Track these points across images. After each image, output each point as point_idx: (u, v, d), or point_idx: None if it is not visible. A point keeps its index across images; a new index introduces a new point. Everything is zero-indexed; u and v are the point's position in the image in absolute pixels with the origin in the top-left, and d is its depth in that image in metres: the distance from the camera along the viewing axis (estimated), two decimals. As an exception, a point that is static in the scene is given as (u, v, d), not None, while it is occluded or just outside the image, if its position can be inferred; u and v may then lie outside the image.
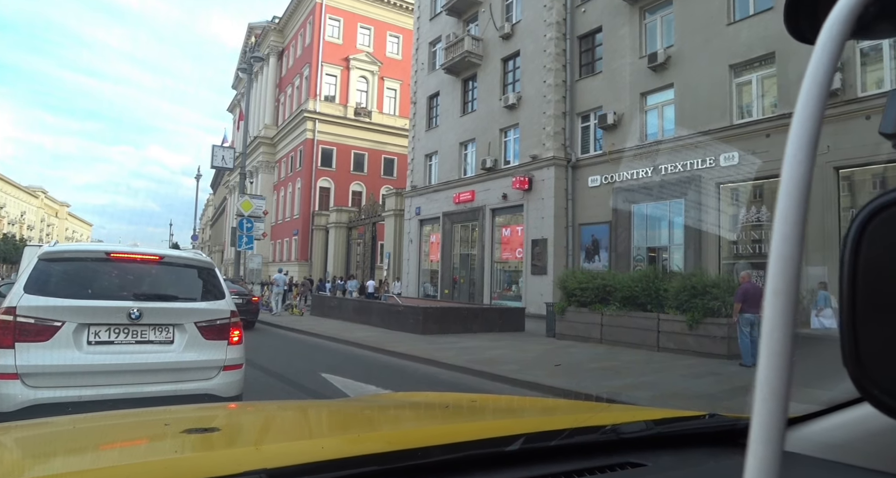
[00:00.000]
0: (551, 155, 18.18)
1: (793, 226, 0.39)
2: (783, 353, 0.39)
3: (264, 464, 0.86)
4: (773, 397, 0.39)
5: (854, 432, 1.02)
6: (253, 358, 6.54)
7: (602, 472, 1.06)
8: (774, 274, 0.40)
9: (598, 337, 11.76)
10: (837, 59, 0.40)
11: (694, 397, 6.59)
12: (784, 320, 0.39)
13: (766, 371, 0.39)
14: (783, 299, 0.39)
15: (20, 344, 3.53)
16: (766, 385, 0.39)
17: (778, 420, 0.39)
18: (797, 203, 0.39)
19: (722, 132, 13.98)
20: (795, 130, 0.40)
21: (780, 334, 0.39)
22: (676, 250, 15.38)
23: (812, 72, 0.40)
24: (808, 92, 0.40)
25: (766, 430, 0.39)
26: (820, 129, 0.40)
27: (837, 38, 0.40)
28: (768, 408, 0.39)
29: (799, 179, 0.40)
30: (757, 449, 0.39)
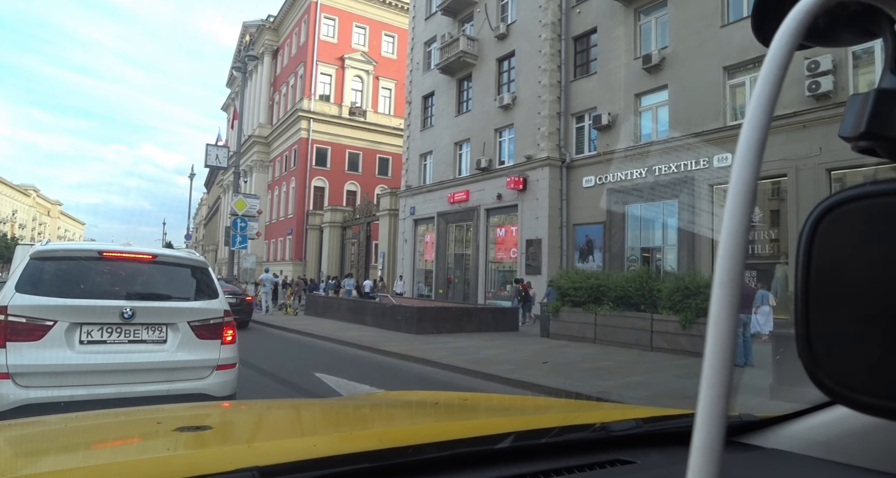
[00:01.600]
0: (546, 155, 18.22)
1: (738, 224, 0.41)
2: (726, 346, 0.41)
3: (256, 462, 0.86)
4: (715, 391, 0.41)
5: (840, 430, 1.04)
6: (247, 357, 6.53)
7: (592, 469, 1.08)
8: (721, 269, 0.42)
9: (591, 337, 11.79)
10: (787, 63, 0.42)
11: (687, 397, 6.62)
12: (727, 314, 0.41)
13: (710, 363, 0.41)
14: (727, 293, 0.41)
15: (11, 343, 3.51)
16: (710, 379, 0.41)
17: (719, 413, 0.41)
18: (743, 204, 0.42)
19: (715, 134, 14.05)
20: (746, 131, 0.43)
21: (723, 328, 0.41)
22: (670, 251, 15.44)
23: (764, 75, 0.42)
24: (760, 94, 0.42)
25: (707, 423, 0.41)
26: (768, 129, 0.42)
27: (788, 44, 0.41)
28: (710, 401, 0.41)
29: (745, 182, 0.42)
30: (700, 442, 0.41)
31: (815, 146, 12.04)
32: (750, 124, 0.42)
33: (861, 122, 0.42)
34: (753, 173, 0.42)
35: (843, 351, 0.40)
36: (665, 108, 15.74)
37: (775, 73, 0.42)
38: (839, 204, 0.42)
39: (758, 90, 0.43)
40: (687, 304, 10.14)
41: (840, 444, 1.03)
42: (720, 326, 0.41)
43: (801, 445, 1.10)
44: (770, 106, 0.42)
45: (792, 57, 0.42)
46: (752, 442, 1.23)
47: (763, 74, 0.43)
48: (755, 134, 0.42)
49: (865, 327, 0.39)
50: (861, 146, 0.43)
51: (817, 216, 0.42)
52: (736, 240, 0.41)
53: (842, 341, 0.40)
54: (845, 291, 0.40)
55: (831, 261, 0.41)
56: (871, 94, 0.42)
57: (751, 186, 0.42)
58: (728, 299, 0.41)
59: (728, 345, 0.41)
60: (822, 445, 1.06)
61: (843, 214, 0.42)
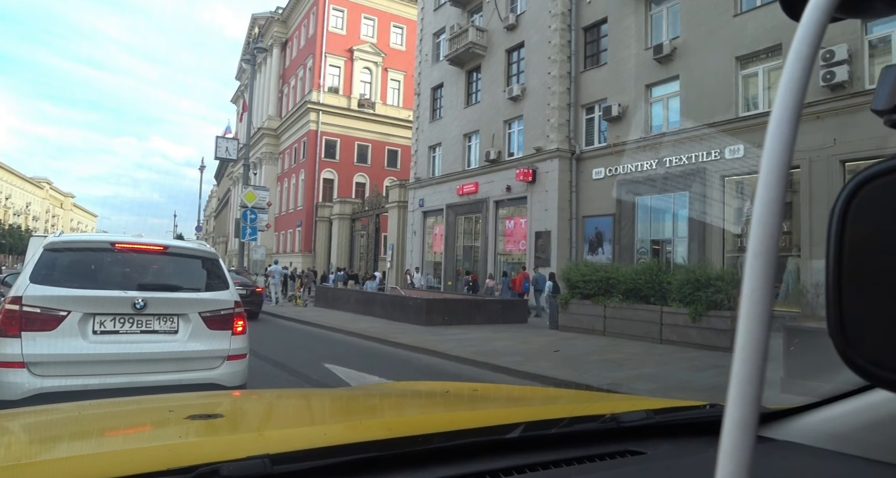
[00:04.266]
0: (555, 147, 18.11)
1: (771, 213, 0.40)
2: (759, 338, 0.40)
3: (267, 449, 0.87)
4: (747, 382, 0.39)
5: (852, 423, 1.03)
6: (257, 348, 6.57)
7: (602, 459, 1.07)
8: (752, 259, 0.40)
9: (600, 329, 11.77)
10: (819, 38, 0.40)
11: (697, 390, 6.60)
12: (761, 306, 0.40)
13: (741, 356, 0.40)
14: (759, 299, 0.40)
15: (26, 333, 3.56)
16: (741, 371, 0.40)
17: (751, 406, 0.39)
18: (775, 191, 0.40)
19: (727, 124, 13.90)
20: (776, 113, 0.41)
21: (756, 320, 0.40)
22: (680, 243, 15.34)
23: (794, 52, 0.40)
24: (790, 72, 0.40)
25: (739, 415, 0.39)
26: (803, 102, 0.40)
27: (820, 17, 0.39)
28: (742, 393, 0.39)
29: (777, 168, 0.40)
30: (730, 434, 0.40)
31: (830, 137, 11.88)
32: (780, 107, 0.40)
33: (895, 95, 0.41)
34: (786, 158, 0.40)
35: (878, 330, 0.39)
36: (676, 99, 15.58)
37: (807, 50, 0.40)
38: (873, 177, 0.40)
39: (788, 68, 0.40)
40: (697, 296, 10.08)
41: (853, 436, 1.03)
42: (751, 325, 0.39)
43: (813, 437, 1.10)
44: (802, 86, 0.40)
45: (824, 31, 0.40)
46: (764, 434, 1.22)
47: (793, 51, 0.41)
48: (786, 115, 0.40)
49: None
50: (894, 119, 0.42)
51: (850, 191, 0.40)
52: (769, 227, 0.40)
53: (878, 320, 0.39)
54: (881, 267, 0.39)
55: (866, 237, 0.39)
56: None
57: (783, 172, 0.40)
58: (762, 292, 0.39)
59: (760, 345, 0.39)
60: (834, 437, 1.06)
61: (877, 188, 0.39)
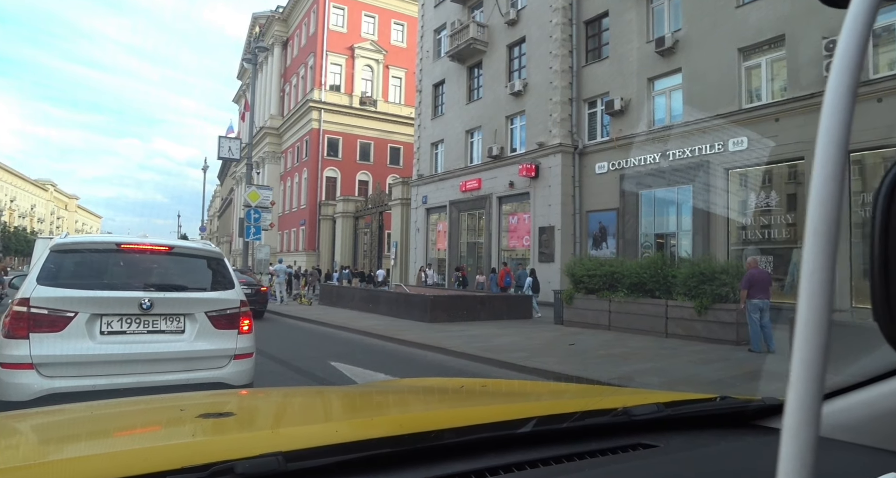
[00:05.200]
0: (558, 142, 18.07)
1: (830, 201, 0.38)
2: (820, 333, 0.38)
3: (280, 447, 0.87)
4: (809, 377, 0.38)
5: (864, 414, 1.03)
6: (263, 347, 6.59)
7: (614, 453, 1.07)
8: (810, 255, 0.39)
9: (606, 324, 11.76)
10: (872, 21, 0.38)
11: (703, 383, 6.59)
12: (820, 300, 0.38)
13: (801, 353, 0.39)
14: (819, 279, 0.38)
15: (34, 334, 3.58)
16: (802, 366, 0.38)
17: (814, 401, 0.38)
18: (833, 186, 0.38)
19: (730, 117, 13.84)
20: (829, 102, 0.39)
21: (816, 315, 0.38)
22: (685, 237, 15.30)
23: (845, 38, 0.38)
24: (842, 59, 0.38)
25: (802, 411, 0.38)
26: (856, 94, 0.39)
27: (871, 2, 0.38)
28: (804, 389, 0.38)
29: (833, 166, 0.38)
30: (792, 431, 0.38)
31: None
32: (833, 95, 0.38)
33: None
34: (842, 151, 0.38)
35: None
36: (679, 92, 15.51)
37: (859, 36, 0.38)
38: None
39: (839, 54, 0.38)
40: (702, 290, 10.06)
41: (864, 427, 1.02)
42: (811, 319, 0.38)
43: (825, 428, 1.09)
44: (856, 72, 0.38)
45: (877, 14, 0.38)
46: (775, 426, 1.22)
47: (844, 38, 0.39)
48: (841, 105, 0.38)
49: None
50: None
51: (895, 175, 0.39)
52: (827, 219, 0.38)
53: None
54: None
55: None
56: None
57: (840, 163, 0.38)
58: (821, 288, 0.38)
59: (821, 340, 0.38)
60: (846, 428, 1.05)
61: None
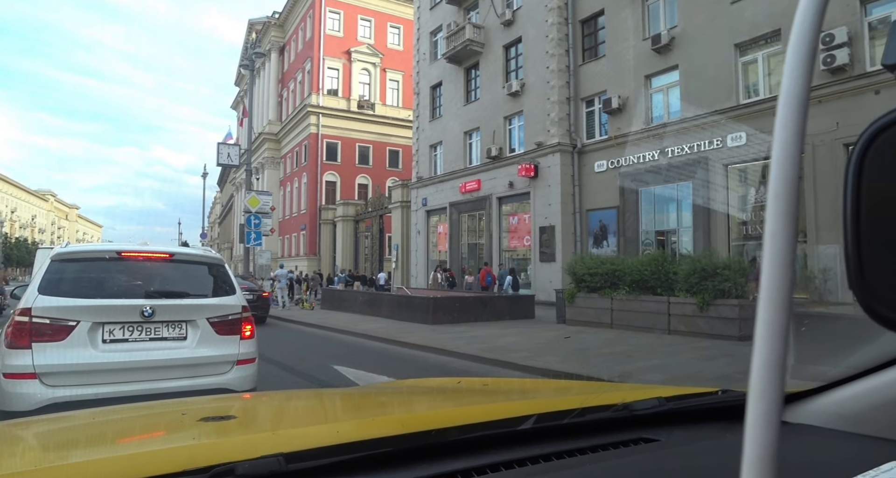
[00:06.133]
0: (556, 141, 18.08)
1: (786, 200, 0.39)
2: (779, 324, 0.39)
3: (281, 448, 0.87)
4: (769, 367, 0.39)
5: (866, 403, 1.03)
6: (265, 352, 6.59)
7: (615, 448, 1.07)
8: (770, 252, 0.39)
9: (608, 322, 11.75)
10: (822, 16, 0.39)
11: (707, 379, 6.58)
12: (780, 292, 0.39)
13: (761, 342, 0.39)
14: (779, 274, 0.39)
15: (37, 344, 3.58)
16: (762, 356, 0.39)
17: (776, 391, 0.39)
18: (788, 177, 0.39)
19: (728, 112, 13.83)
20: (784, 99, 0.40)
21: (776, 306, 0.39)
22: (685, 233, 15.29)
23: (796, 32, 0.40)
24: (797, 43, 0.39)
25: (764, 401, 0.39)
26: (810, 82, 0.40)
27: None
28: (765, 379, 0.39)
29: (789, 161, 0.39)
30: (755, 420, 0.39)
31: (832, 121, 11.80)
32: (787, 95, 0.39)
33: None
34: (797, 146, 0.39)
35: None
36: (676, 89, 15.52)
37: (810, 30, 0.39)
38: (887, 126, 0.40)
39: (793, 43, 0.40)
40: (704, 286, 10.05)
41: (864, 417, 1.03)
42: (771, 310, 0.39)
43: (827, 419, 1.09)
44: (808, 66, 0.39)
45: (826, 8, 0.39)
46: None
47: (795, 32, 0.40)
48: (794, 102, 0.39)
49: None
50: None
51: (867, 140, 0.40)
52: (785, 211, 0.39)
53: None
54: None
55: (885, 184, 0.39)
56: None
57: (795, 159, 0.39)
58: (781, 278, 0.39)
59: (781, 331, 0.39)
60: (848, 418, 1.05)
61: (892, 137, 0.39)
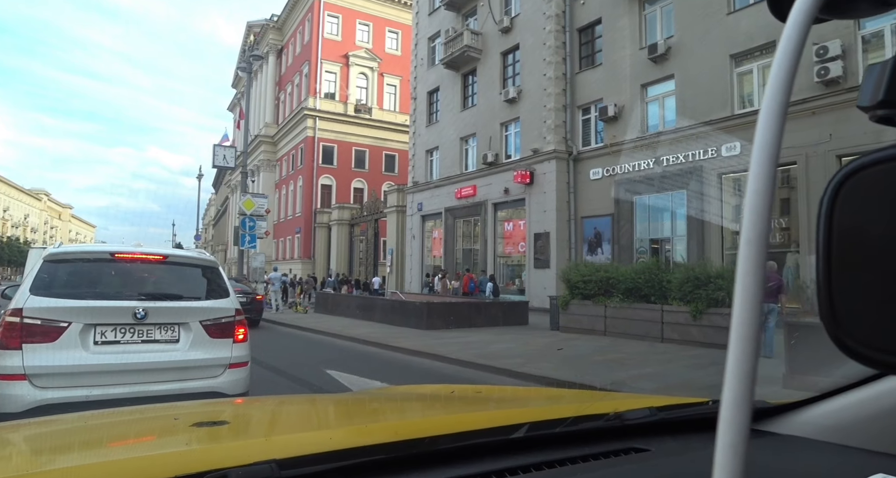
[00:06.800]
0: (552, 148, 18.15)
1: (760, 213, 0.42)
2: (750, 334, 0.41)
3: (274, 455, 0.87)
4: (740, 379, 0.41)
5: (854, 415, 1.04)
6: (258, 355, 6.56)
7: (606, 457, 1.08)
8: (743, 259, 0.42)
9: (601, 329, 11.76)
10: (804, 38, 0.41)
11: (699, 388, 6.59)
12: (751, 302, 0.41)
13: (734, 353, 0.41)
14: (751, 280, 0.41)
15: (27, 345, 3.55)
16: (735, 367, 0.41)
17: (744, 401, 0.41)
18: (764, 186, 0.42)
19: (723, 122, 13.94)
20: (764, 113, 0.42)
21: (748, 315, 0.41)
22: (679, 241, 15.36)
23: (781, 52, 0.42)
24: (777, 72, 0.42)
25: (733, 411, 0.41)
26: (786, 109, 0.42)
27: (805, 17, 0.41)
28: (735, 389, 0.41)
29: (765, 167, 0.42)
30: (725, 430, 0.41)
31: (825, 133, 11.91)
32: (768, 106, 0.42)
33: (879, 90, 0.42)
34: (773, 156, 0.41)
35: (866, 312, 0.40)
36: (672, 98, 15.62)
37: (792, 50, 0.42)
38: (859, 169, 0.42)
39: (775, 68, 0.42)
40: (697, 294, 10.08)
41: (854, 429, 1.03)
42: (744, 313, 0.41)
43: (815, 430, 1.10)
44: (788, 85, 0.42)
45: (808, 31, 0.42)
46: (766, 429, 1.22)
47: (780, 51, 0.42)
48: (773, 115, 0.42)
49: (890, 288, 0.39)
50: (879, 115, 0.44)
51: (838, 181, 0.42)
52: (759, 221, 0.41)
53: (866, 303, 0.40)
54: (868, 253, 0.40)
55: (853, 224, 0.41)
56: (888, 63, 0.43)
57: (771, 170, 0.42)
58: (753, 289, 0.41)
59: (752, 332, 0.41)
60: (836, 430, 1.06)
61: (863, 179, 0.42)
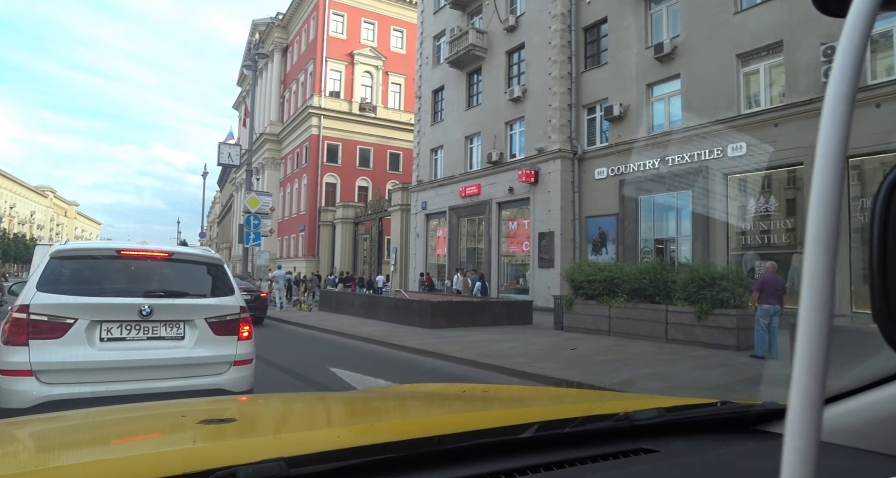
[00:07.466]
0: (557, 148, 18.11)
1: (829, 207, 0.39)
2: (821, 338, 0.39)
3: (282, 452, 0.87)
4: (811, 381, 0.39)
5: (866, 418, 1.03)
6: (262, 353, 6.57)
7: (615, 458, 1.07)
8: (811, 258, 0.39)
9: (605, 329, 11.74)
10: (870, 30, 0.39)
11: (705, 388, 6.57)
12: (822, 304, 0.39)
13: (803, 357, 0.39)
14: (820, 283, 0.39)
15: (34, 341, 3.57)
16: (804, 370, 0.39)
17: (816, 404, 0.39)
18: (832, 189, 0.39)
19: (729, 122, 13.88)
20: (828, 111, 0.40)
21: (818, 319, 0.39)
22: (684, 242, 15.31)
23: (844, 46, 0.39)
24: (841, 65, 0.39)
25: (803, 415, 0.39)
26: (854, 100, 0.40)
27: (869, 8, 0.39)
28: (806, 393, 0.39)
29: (832, 170, 0.39)
30: (795, 434, 0.39)
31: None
32: (832, 101, 0.39)
33: None
34: (841, 156, 0.39)
35: None
36: (678, 98, 15.57)
37: (857, 43, 0.39)
38: None
39: (838, 61, 0.39)
40: (702, 295, 10.05)
41: (867, 431, 1.02)
42: (813, 324, 0.39)
43: (828, 433, 1.09)
44: (854, 78, 0.39)
45: (874, 22, 0.39)
46: (776, 430, 1.22)
47: (843, 45, 0.39)
48: (840, 114, 0.39)
49: None
50: None
51: (894, 177, 0.40)
52: (827, 225, 0.39)
53: None
54: None
55: None
56: None
57: (839, 161, 0.39)
58: (822, 292, 0.39)
59: (823, 344, 0.38)
60: (848, 432, 1.05)
61: None
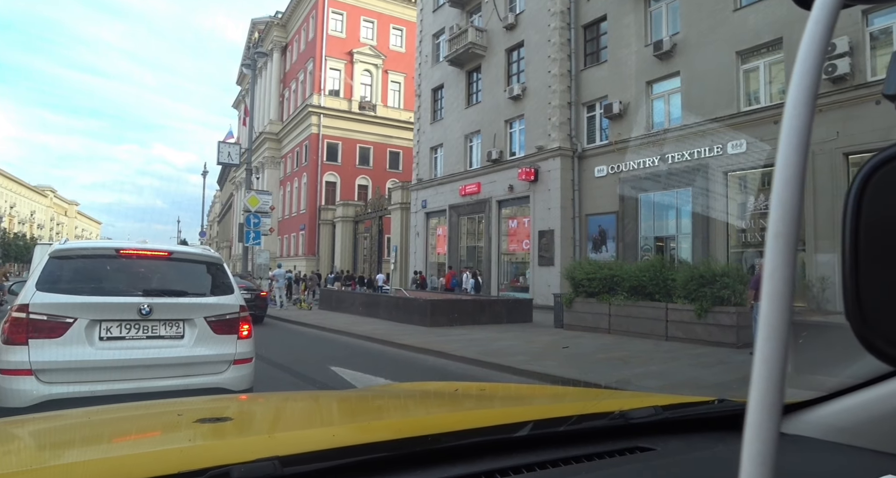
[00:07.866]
0: (557, 146, 18.10)
1: (789, 206, 0.39)
2: (779, 335, 0.39)
3: (276, 451, 0.87)
4: (769, 379, 0.39)
5: (862, 416, 1.03)
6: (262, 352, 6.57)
7: (611, 456, 1.07)
8: (771, 256, 0.40)
9: (606, 327, 11.75)
10: (832, 24, 0.39)
11: (704, 386, 6.58)
12: (781, 303, 0.39)
13: (762, 353, 0.40)
14: (780, 280, 0.39)
15: (34, 340, 3.57)
16: (763, 367, 0.40)
17: (775, 402, 0.39)
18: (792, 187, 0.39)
19: (729, 120, 13.86)
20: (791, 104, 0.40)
21: (777, 316, 0.39)
22: (684, 240, 15.31)
23: (807, 40, 0.39)
24: (804, 61, 0.39)
25: (762, 412, 0.39)
26: (816, 97, 0.40)
27: (833, 3, 0.39)
28: (765, 390, 0.40)
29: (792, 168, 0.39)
30: (753, 431, 0.40)
31: (832, 130, 11.83)
32: (794, 98, 0.40)
33: None
34: (803, 144, 0.39)
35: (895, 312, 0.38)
36: (677, 96, 15.55)
37: (820, 37, 0.39)
38: (889, 160, 0.40)
39: (801, 57, 0.40)
40: (702, 293, 10.05)
41: (862, 429, 1.02)
42: (772, 321, 0.39)
43: (823, 430, 1.09)
44: (817, 70, 0.40)
45: (837, 17, 0.40)
46: None
47: (806, 39, 0.40)
48: (802, 111, 0.40)
49: None
50: None
51: (866, 173, 0.40)
52: (787, 219, 0.39)
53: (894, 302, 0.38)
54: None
55: (882, 219, 0.39)
56: None
57: (800, 158, 0.39)
58: (782, 291, 0.39)
59: (781, 332, 0.39)
60: (844, 430, 1.05)
61: (891, 171, 0.40)
